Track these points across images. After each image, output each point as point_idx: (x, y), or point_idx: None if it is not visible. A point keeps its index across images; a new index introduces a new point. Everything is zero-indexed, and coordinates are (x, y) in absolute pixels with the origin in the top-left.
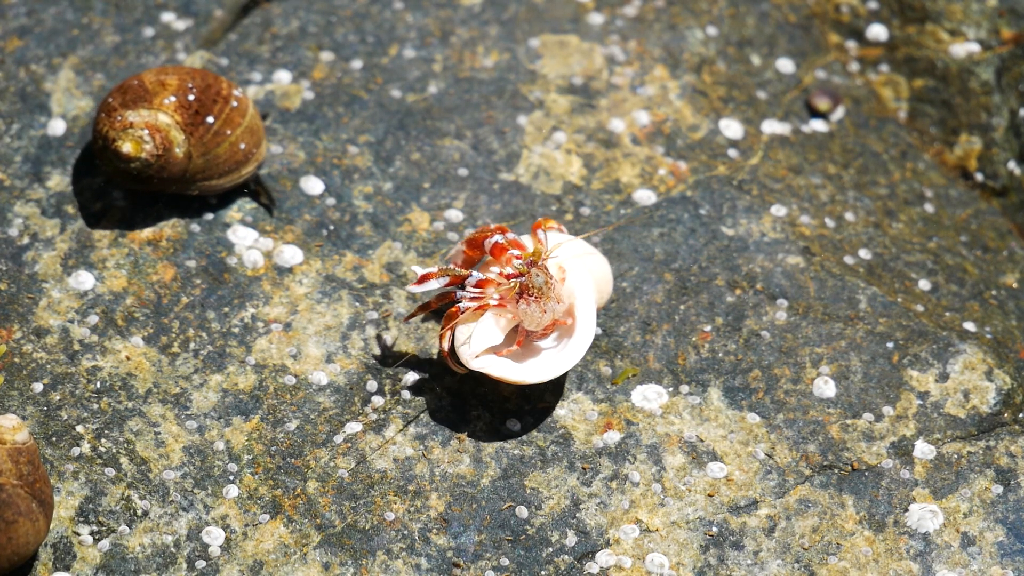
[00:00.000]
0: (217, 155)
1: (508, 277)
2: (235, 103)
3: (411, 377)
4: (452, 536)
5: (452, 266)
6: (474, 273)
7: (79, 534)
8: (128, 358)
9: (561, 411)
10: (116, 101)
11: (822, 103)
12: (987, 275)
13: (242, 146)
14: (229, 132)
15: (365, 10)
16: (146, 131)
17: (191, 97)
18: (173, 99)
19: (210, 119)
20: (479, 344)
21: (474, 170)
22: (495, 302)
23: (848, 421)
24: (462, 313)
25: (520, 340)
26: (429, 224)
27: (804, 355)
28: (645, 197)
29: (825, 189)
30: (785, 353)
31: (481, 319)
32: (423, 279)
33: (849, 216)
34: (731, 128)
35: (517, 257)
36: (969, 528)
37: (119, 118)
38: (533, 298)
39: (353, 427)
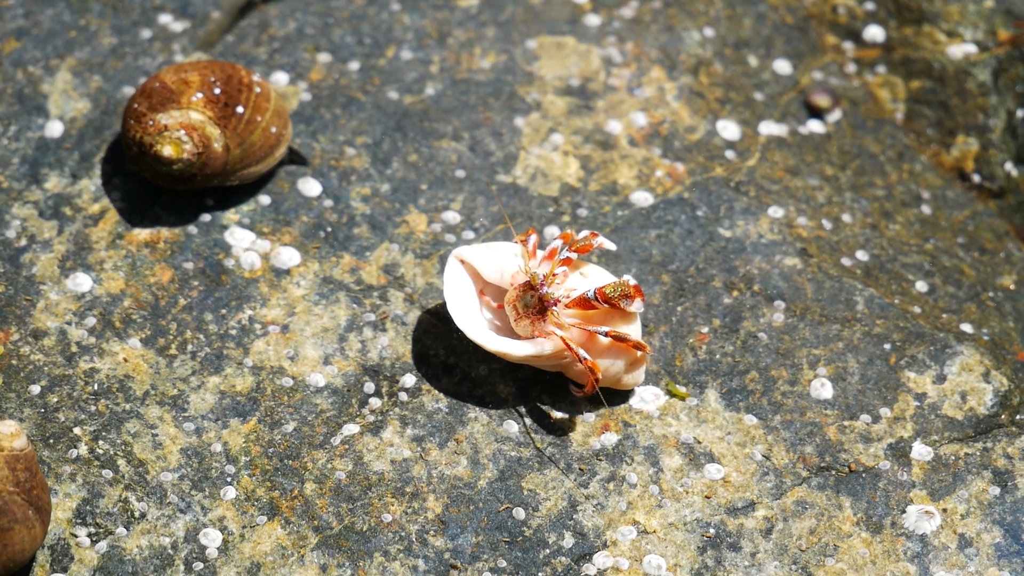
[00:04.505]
0: (252, 143)
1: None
2: (258, 89)
3: (408, 379)
4: (449, 538)
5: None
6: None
7: (77, 536)
8: (126, 360)
9: (558, 413)
10: (143, 106)
11: (822, 100)
12: (984, 276)
13: (273, 129)
14: (260, 118)
15: (362, 12)
16: (182, 131)
17: (217, 90)
18: (200, 95)
19: (240, 109)
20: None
21: (471, 172)
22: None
23: (845, 423)
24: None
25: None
26: (427, 226)
27: (801, 357)
28: (642, 199)
29: (822, 190)
30: (782, 355)
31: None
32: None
33: (846, 217)
34: (728, 129)
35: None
36: (966, 529)
37: (151, 123)
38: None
39: (351, 429)
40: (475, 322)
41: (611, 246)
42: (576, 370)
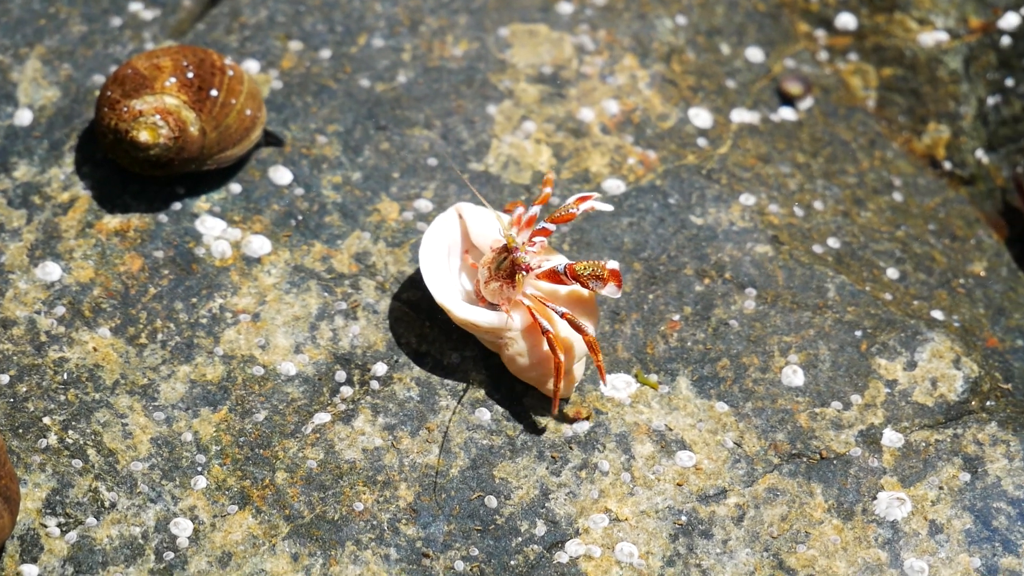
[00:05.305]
0: (228, 125)
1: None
2: (231, 72)
3: (380, 367)
4: (421, 526)
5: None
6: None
7: (46, 526)
8: (95, 349)
9: (530, 400)
10: (116, 93)
11: (794, 87)
12: (955, 263)
13: (248, 112)
14: (234, 101)
15: None
16: (158, 116)
17: (190, 75)
18: (173, 80)
19: (214, 92)
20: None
21: (443, 160)
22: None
23: (816, 410)
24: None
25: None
26: (398, 214)
27: (772, 344)
28: (614, 186)
29: (794, 178)
30: (754, 342)
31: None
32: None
33: (818, 205)
34: (700, 117)
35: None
36: (937, 516)
37: (125, 109)
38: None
39: (322, 417)
40: (446, 286)
41: (605, 207)
42: (522, 363)
